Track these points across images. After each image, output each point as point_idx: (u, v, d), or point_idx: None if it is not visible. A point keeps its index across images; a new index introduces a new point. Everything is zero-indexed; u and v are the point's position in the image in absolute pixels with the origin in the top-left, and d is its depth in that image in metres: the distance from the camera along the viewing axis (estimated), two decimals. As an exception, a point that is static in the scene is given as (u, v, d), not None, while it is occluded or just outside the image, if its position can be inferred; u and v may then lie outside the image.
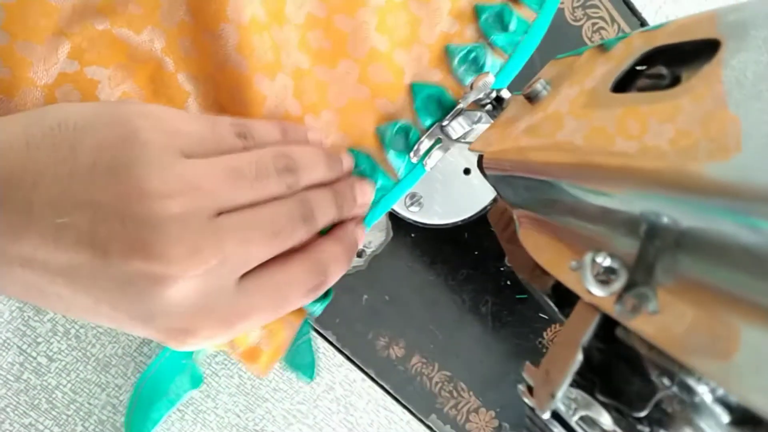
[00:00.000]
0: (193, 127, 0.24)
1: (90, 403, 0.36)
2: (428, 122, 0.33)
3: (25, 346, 0.35)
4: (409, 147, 0.33)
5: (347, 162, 0.32)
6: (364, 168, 0.32)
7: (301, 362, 0.34)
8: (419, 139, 0.33)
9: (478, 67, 0.33)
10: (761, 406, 0.12)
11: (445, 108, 0.33)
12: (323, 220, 0.28)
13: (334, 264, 0.28)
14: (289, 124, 0.30)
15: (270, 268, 0.25)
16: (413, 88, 0.33)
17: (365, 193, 0.32)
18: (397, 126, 0.33)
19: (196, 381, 0.34)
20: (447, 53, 0.33)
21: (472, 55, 0.33)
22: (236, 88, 0.29)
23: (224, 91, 0.30)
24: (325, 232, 0.30)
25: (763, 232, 0.12)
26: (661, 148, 0.15)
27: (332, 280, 0.29)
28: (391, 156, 0.33)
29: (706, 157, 0.14)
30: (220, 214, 0.23)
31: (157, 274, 0.21)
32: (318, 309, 0.31)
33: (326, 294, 0.31)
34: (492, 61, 0.33)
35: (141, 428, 0.32)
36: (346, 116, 0.33)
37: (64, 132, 0.22)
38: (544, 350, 0.40)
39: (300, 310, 0.31)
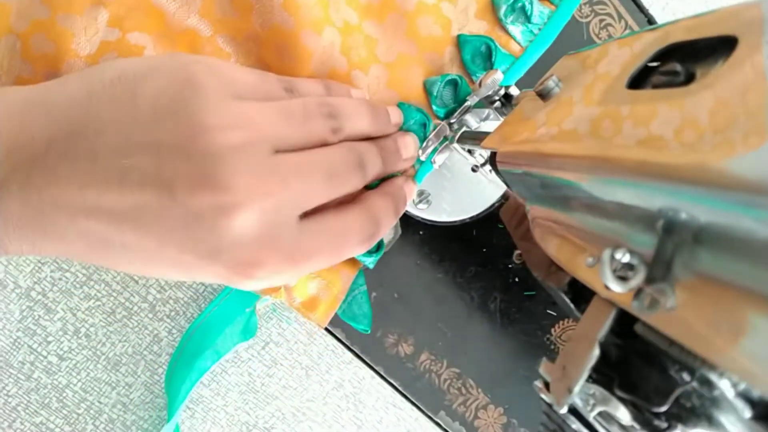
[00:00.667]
0: (244, 76, 0.25)
1: (100, 402, 0.37)
2: (478, 74, 0.33)
3: (35, 345, 0.35)
4: (457, 100, 0.33)
5: (395, 116, 0.32)
6: (417, 119, 0.33)
7: (357, 313, 0.34)
8: (468, 92, 0.33)
9: (525, 16, 0.33)
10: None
11: (492, 60, 0.33)
12: (372, 170, 0.29)
13: (385, 216, 0.29)
14: (332, 82, 0.30)
15: (327, 213, 0.26)
16: (460, 40, 0.33)
17: (408, 147, 0.32)
18: (447, 78, 0.33)
19: (249, 332, 0.34)
20: (493, 3, 0.33)
21: (519, 3, 0.33)
22: (282, 45, 0.29)
23: (270, 49, 0.30)
24: (373, 187, 0.31)
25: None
26: (679, 143, 0.15)
27: (383, 232, 0.29)
28: (438, 110, 0.33)
29: (729, 149, 0.14)
30: (277, 152, 0.24)
31: (223, 205, 0.21)
32: (372, 261, 0.32)
33: (378, 247, 0.31)
34: (539, 10, 0.33)
35: (185, 376, 0.33)
36: (395, 71, 0.33)
37: (124, 83, 0.23)
38: (553, 347, 0.41)
39: (354, 262, 0.32)
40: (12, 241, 0.22)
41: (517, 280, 0.40)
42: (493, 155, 0.25)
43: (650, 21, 0.38)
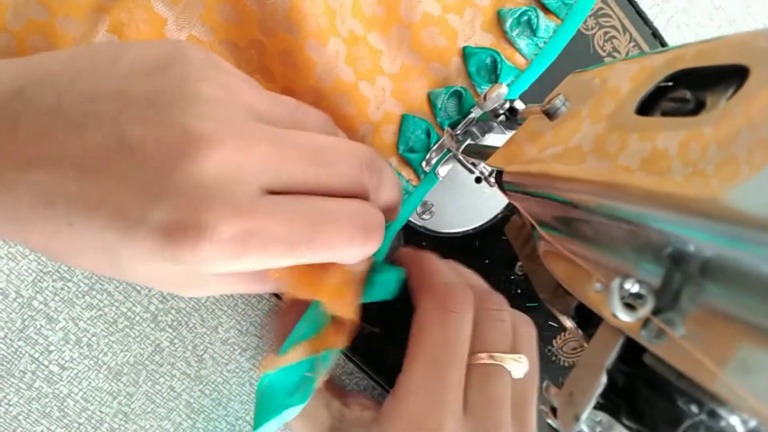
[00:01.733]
0: (233, 68, 0.24)
1: (101, 411, 0.37)
2: (483, 86, 0.34)
3: (37, 355, 0.35)
4: (461, 112, 0.33)
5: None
6: (422, 131, 0.33)
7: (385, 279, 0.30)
8: (473, 104, 0.33)
9: (531, 29, 0.33)
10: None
11: (497, 73, 0.33)
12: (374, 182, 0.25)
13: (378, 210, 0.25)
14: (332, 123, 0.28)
15: (311, 196, 0.22)
16: (466, 52, 0.33)
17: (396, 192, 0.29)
18: (451, 90, 0.33)
19: (304, 397, 0.32)
20: (499, 16, 0.33)
21: (525, 17, 0.33)
22: (286, 54, 0.29)
23: (273, 56, 0.30)
24: None
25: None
26: (687, 174, 0.15)
27: (381, 230, 0.25)
28: (442, 121, 0.33)
29: (735, 179, 0.14)
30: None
31: (177, 148, 0.19)
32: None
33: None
34: (545, 24, 0.33)
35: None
36: (399, 82, 0.33)
37: (109, 47, 0.22)
38: (554, 358, 0.41)
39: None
40: None
41: (519, 291, 0.40)
42: (498, 173, 0.25)
43: (654, 34, 0.38)
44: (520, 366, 0.27)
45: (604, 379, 0.18)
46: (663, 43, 0.39)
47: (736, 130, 0.15)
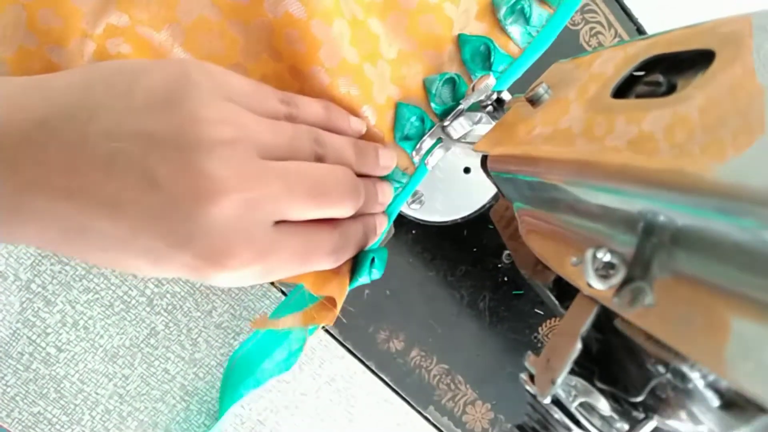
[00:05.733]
0: (239, 81, 0.26)
1: (97, 393, 0.37)
2: (477, 73, 0.34)
3: (34, 337, 0.36)
4: (456, 99, 0.34)
5: (386, 158, 0.32)
6: (417, 117, 0.34)
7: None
8: (467, 89, 0.34)
9: (524, 18, 0.34)
10: (750, 390, 0.13)
11: (491, 61, 0.34)
12: (358, 203, 0.29)
13: (354, 238, 0.30)
14: (333, 106, 0.31)
15: (300, 224, 0.26)
16: (460, 39, 0.34)
17: (385, 194, 0.33)
18: (445, 77, 0.34)
19: (283, 366, 0.35)
20: (493, 4, 0.34)
21: (519, 6, 0.34)
22: (293, 34, 0.30)
23: (280, 36, 0.31)
24: None
25: (754, 232, 0.13)
26: (658, 149, 0.16)
27: (350, 253, 0.30)
28: (436, 108, 0.34)
29: (707, 155, 0.15)
30: (263, 158, 0.24)
31: (202, 193, 0.22)
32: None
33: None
34: (538, 13, 0.34)
35: (232, 398, 0.35)
36: (396, 67, 0.33)
37: (121, 75, 0.24)
38: (539, 345, 0.42)
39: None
40: None
41: (506, 279, 0.41)
42: (483, 158, 0.26)
43: (639, 29, 0.39)
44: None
45: (579, 346, 0.19)
46: (647, 39, 0.40)
47: (704, 109, 0.16)
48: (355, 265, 0.33)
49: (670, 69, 0.20)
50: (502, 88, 0.34)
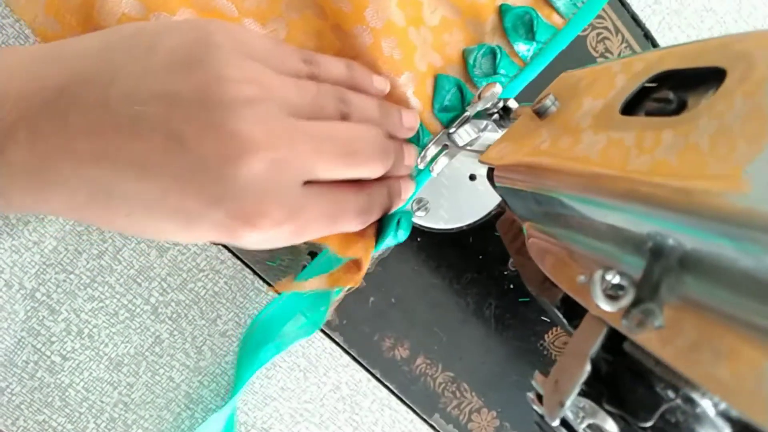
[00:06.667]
0: (260, 40, 0.26)
1: (102, 401, 0.37)
2: (518, 42, 0.34)
3: (39, 345, 0.36)
4: (495, 70, 0.34)
5: (409, 120, 0.32)
6: (456, 88, 0.33)
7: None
8: (508, 61, 0.34)
9: None
10: (761, 421, 0.13)
11: (534, 31, 0.34)
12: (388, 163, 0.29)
13: (380, 200, 0.30)
14: (355, 65, 0.30)
15: (330, 185, 0.26)
16: (502, 8, 0.34)
17: (411, 155, 0.33)
18: (484, 48, 0.33)
19: (310, 329, 0.34)
20: None
21: None
22: None
23: None
24: None
25: (761, 259, 0.13)
26: (667, 170, 0.16)
27: (376, 215, 0.30)
28: (477, 79, 0.34)
29: (716, 178, 0.14)
30: (290, 116, 0.24)
31: (231, 153, 0.22)
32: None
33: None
34: None
35: (249, 366, 0.34)
36: (438, 34, 0.33)
37: (141, 36, 0.23)
38: (546, 352, 0.41)
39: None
40: (16, 192, 0.22)
41: (512, 286, 0.40)
42: (490, 170, 0.26)
43: (646, 35, 0.39)
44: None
45: (588, 367, 0.19)
46: (655, 45, 0.39)
47: (708, 132, 0.16)
48: (380, 227, 0.33)
49: (680, 85, 0.19)
50: (509, 96, 0.34)
